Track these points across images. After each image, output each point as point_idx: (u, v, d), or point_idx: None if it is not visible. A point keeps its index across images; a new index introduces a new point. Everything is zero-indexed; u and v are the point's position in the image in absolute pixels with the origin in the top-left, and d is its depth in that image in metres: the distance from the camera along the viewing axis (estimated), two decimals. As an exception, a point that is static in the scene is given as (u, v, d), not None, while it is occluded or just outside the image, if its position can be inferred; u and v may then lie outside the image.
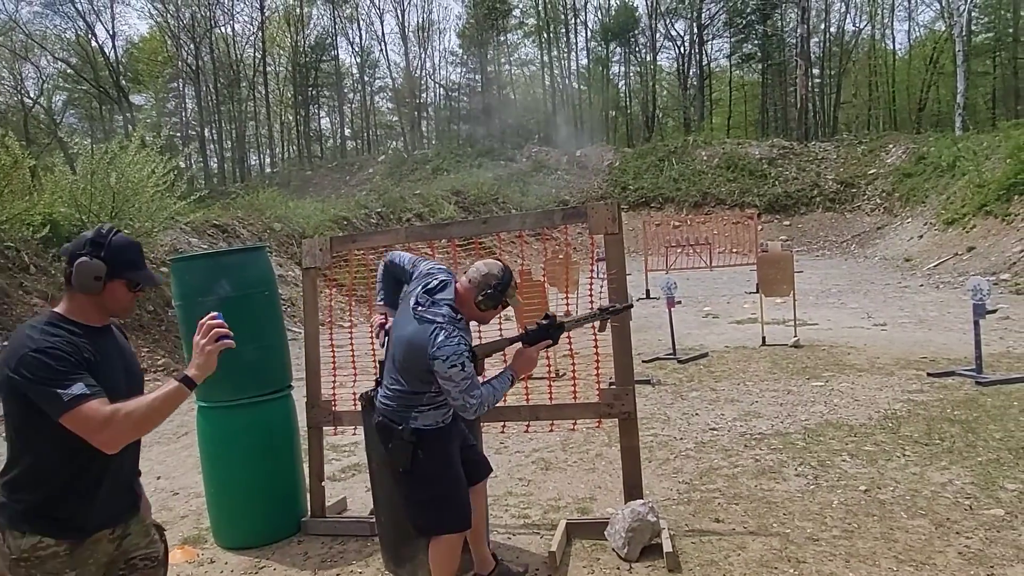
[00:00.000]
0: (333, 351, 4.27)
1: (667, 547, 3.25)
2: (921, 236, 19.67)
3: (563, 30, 40.58)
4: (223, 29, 40.80)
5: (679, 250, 22.90)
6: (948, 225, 18.54)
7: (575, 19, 40.74)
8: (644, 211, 26.93)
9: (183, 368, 1.93)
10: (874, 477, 4.17)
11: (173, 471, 5.53)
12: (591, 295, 4.11)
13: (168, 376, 9.55)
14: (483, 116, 39.01)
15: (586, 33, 41.58)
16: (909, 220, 21.96)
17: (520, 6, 42.16)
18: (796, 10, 35.10)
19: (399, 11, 48.24)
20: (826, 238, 25.24)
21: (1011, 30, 34.57)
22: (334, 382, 4.20)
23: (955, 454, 4.46)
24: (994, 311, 6.87)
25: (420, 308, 2.67)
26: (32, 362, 1.74)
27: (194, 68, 39.14)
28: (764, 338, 8.94)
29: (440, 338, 2.54)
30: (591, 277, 4.13)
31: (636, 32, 40.57)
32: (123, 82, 38.45)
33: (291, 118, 42.34)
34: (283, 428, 4.10)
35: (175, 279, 4.00)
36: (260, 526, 3.97)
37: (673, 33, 41.43)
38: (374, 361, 3.17)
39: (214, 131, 41.82)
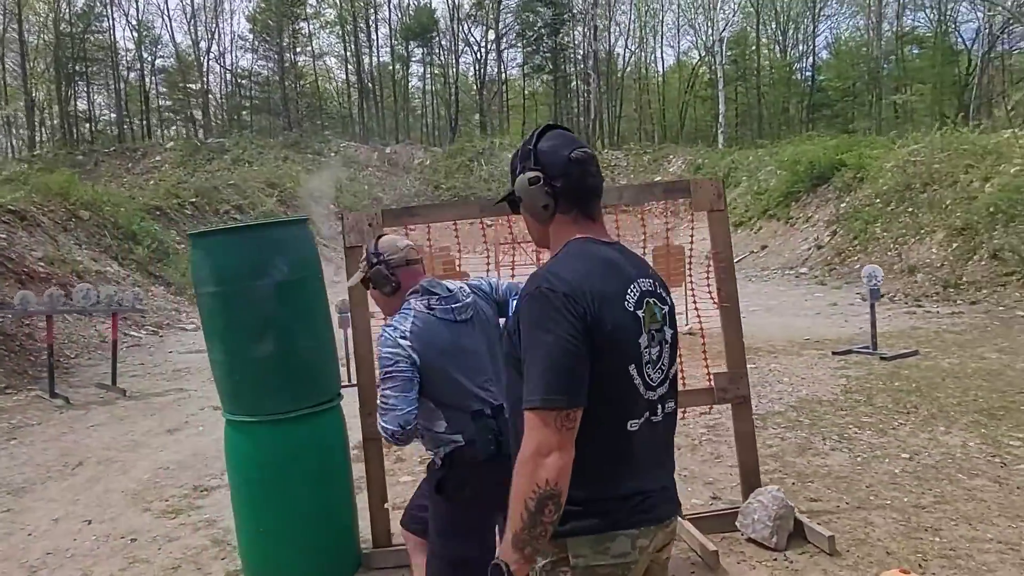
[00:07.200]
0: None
1: (824, 531, 3.20)
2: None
3: (363, 25, 39.37)
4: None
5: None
6: (736, 227, 21.15)
7: (375, 15, 39.76)
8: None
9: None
10: (901, 445, 4.53)
11: (103, 512, 4.36)
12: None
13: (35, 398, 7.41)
14: (283, 107, 36.38)
15: (389, 30, 40.81)
16: (696, 223, 24.67)
17: (318, -5, 40.05)
18: (583, 28, 37.92)
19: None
20: (624, 238, 27.28)
21: (755, 64, 40.61)
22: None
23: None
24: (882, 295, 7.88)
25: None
26: None
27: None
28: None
29: None
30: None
31: (436, 34, 40.72)
32: None
33: (51, 93, 35.77)
34: (339, 444, 3.33)
35: (209, 259, 3.07)
36: (314, 567, 3.19)
37: (471, 39, 42.31)
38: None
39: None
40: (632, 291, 1.46)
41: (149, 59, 38.36)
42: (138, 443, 5.76)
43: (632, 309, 1.44)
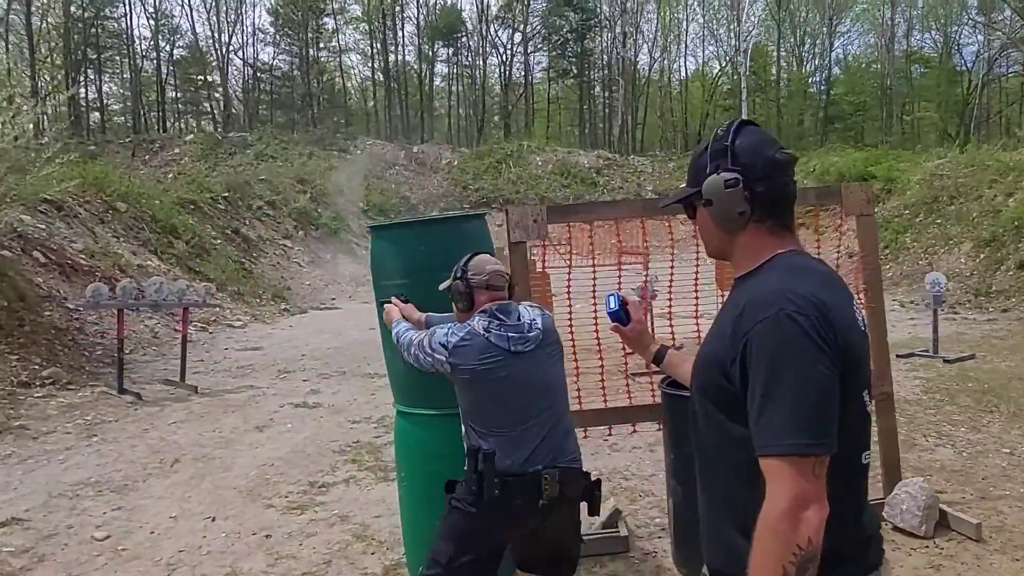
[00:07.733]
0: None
1: (971, 519, 3.38)
2: (740, 244, 22.57)
3: (390, 23, 39.66)
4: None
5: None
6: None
7: (402, 13, 40.07)
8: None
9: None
10: (997, 441, 4.74)
11: (223, 509, 4.33)
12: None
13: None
14: (306, 102, 36.57)
15: (417, 28, 41.09)
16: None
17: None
18: (610, 34, 38.31)
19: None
20: (648, 244, 27.82)
21: (774, 76, 41.11)
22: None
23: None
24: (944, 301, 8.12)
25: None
26: None
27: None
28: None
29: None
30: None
31: (462, 35, 41.02)
32: None
33: (59, 79, 35.60)
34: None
35: (396, 251, 3.17)
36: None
37: (498, 41, 42.67)
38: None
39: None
40: (858, 309, 1.33)
41: (167, 48, 37.82)
42: (229, 440, 5.70)
43: (863, 328, 1.32)
